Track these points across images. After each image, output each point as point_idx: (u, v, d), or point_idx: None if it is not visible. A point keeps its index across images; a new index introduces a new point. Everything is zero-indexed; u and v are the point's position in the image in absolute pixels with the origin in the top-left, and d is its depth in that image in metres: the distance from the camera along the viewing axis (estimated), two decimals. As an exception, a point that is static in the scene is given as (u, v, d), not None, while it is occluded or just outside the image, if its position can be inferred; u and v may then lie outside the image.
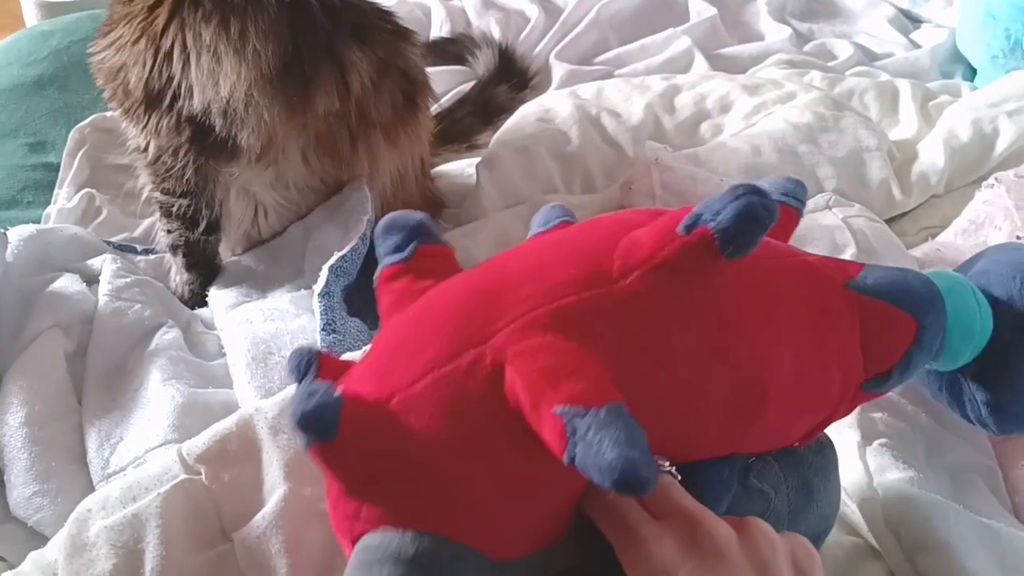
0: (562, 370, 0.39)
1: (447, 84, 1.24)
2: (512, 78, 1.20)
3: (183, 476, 0.55)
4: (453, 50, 1.29)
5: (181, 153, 0.78)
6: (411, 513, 0.39)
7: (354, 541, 0.40)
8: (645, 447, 0.35)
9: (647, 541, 0.39)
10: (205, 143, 0.77)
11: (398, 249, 0.51)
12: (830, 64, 1.29)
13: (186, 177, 0.79)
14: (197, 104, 0.73)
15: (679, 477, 0.43)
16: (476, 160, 1.03)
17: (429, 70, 1.27)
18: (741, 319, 0.44)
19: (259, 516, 0.53)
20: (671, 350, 0.42)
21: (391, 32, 0.85)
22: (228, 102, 0.73)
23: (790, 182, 0.54)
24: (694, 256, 0.41)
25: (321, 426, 0.39)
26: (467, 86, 1.23)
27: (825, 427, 0.52)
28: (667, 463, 0.43)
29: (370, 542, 0.39)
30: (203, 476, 0.55)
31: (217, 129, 0.75)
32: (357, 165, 0.83)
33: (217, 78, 0.72)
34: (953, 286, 0.55)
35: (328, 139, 0.81)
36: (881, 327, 0.49)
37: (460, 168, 1.09)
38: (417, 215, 0.52)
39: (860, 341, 0.48)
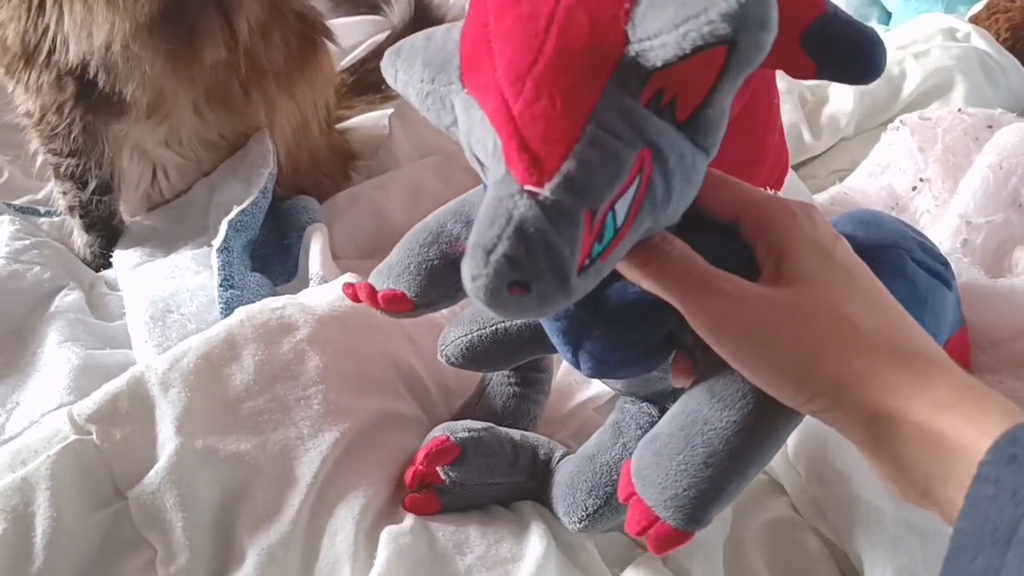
0: None
1: (362, 34, 1.21)
2: (428, 27, 1.17)
3: (73, 437, 0.54)
4: None
5: (66, 111, 0.74)
6: None
7: None
8: None
9: (812, 218, 0.40)
10: (90, 100, 0.73)
11: None
12: (748, 10, 1.29)
13: (72, 136, 0.76)
14: (73, 57, 0.70)
15: None
16: (391, 111, 1.01)
17: (343, 20, 1.25)
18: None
19: (152, 472, 0.53)
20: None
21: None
22: (106, 55, 0.69)
23: None
24: None
25: None
26: (382, 36, 1.20)
27: None
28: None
29: None
30: (94, 436, 0.54)
31: (100, 84, 0.71)
32: (253, 116, 0.81)
33: (90, 28, 0.68)
34: None
35: (219, 91, 0.78)
36: None
37: (375, 119, 1.07)
38: None
39: None
